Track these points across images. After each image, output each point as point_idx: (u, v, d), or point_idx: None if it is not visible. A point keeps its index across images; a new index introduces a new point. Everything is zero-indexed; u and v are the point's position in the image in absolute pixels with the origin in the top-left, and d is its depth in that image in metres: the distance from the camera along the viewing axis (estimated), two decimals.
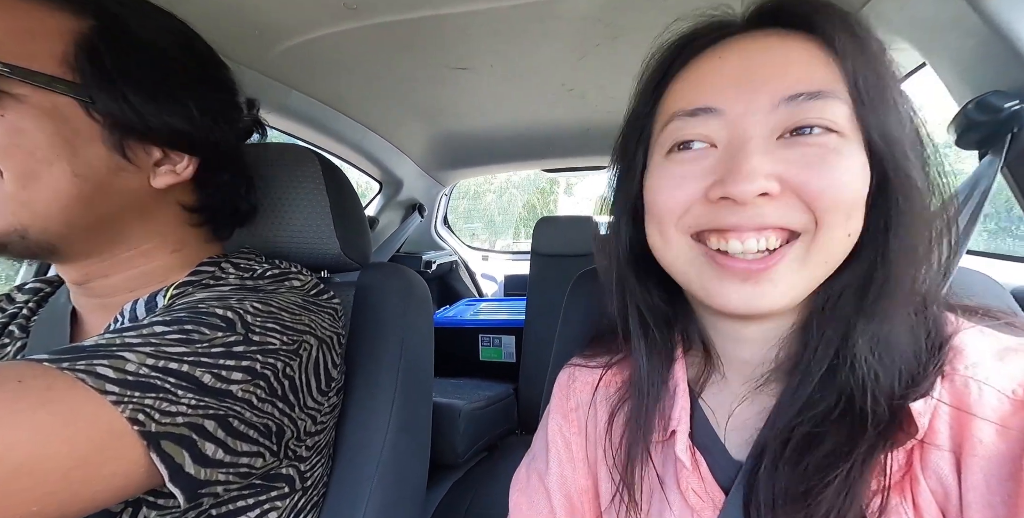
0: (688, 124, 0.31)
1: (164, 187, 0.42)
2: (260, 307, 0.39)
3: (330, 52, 0.78)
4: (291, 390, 0.39)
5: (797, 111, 0.28)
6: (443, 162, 1.55)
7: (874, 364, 0.29)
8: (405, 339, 0.57)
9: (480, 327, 1.52)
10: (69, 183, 0.36)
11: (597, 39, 0.78)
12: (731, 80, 0.30)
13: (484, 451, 1.17)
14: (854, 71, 0.28)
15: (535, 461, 0.43)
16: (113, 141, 0.38)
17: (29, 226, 0.36)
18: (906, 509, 0.27)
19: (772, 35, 0.31)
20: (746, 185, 0.28)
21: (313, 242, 0.57)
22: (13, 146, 0.34)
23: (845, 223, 0.29)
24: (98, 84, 0.37)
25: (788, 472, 0.29)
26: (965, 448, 0.27)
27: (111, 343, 0.31)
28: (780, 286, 0.29)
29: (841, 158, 0.28)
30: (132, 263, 0.43)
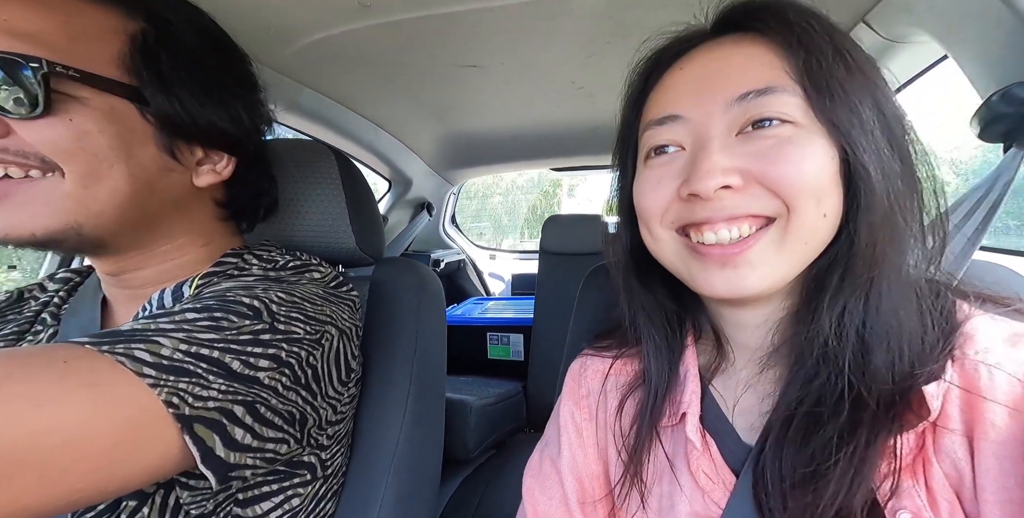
0: (658, 132, 0.35)
1: (205, 186, 0.44)
2: (284, 297, 0.40)
3: (343, 50, 0.78)
4: (314, 379, 0.40)
5: (748, 108, 0.31)
6: (452, 161, 1.56)
7: (856, 340, 0.30)
8: (419, 333, 0.58)
9: (488, 325, 1.52)
10: (125, 183, 0.38)
11: (607, 36, 0.78)
12: (690, 88, 0.34)
13: (493, 448, 1.18)
14: (798, 64, 0.31)
15: (548, 447, 0.44)
16: (164, 142, 0.40)
17: (85, 223, 0.37)
18: (919, 492, 0.28)
19: (728, 41, 0.34)
20: (706, 181, 0.31)
21: (329, 236, 0.58)
22: (78, 148, 0.36)
23: (816, 205, 0.30)
24: (154, 86, 0.38)
25: (792, 453, 0.30)
26: (977, 431, 0.27)
27: (146, 328, 0.32)
28: (760, 268, 0.31)
29: (796, 146, 0.30)
30: (167, 256, 0.45)
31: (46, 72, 0.33)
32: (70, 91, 0.35)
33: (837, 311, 0.31)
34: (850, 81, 0.30)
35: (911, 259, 0.31)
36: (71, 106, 0.35)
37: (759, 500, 0.31)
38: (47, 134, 0.35)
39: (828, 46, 0.31)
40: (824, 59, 0.30)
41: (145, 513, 0.37)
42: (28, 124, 0.34)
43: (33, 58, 0.33)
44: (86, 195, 0.37)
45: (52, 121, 0.35)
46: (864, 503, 0.27)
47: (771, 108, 0.31)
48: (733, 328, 0.38)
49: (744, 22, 0.34)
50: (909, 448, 0.28)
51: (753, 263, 0.31)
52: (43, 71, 0.33)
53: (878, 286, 0.30)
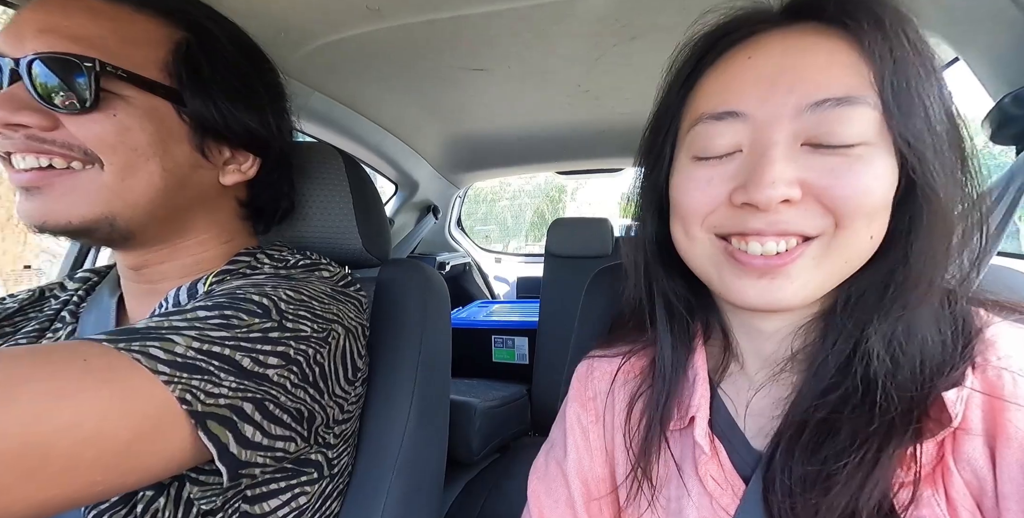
0: (714, 127, 0.31)
1: (230, 184, 0.46)
2: (292, 295, 0.41)
3: (351, 54, 0.79)
4: (321, 377, 0.40)
5: (822, 119, 0.28)
6: (458, 164, 1.56)
7: (890, 360, 0.29)
8: (424, 333, 0.58)
9: (493, 328, 1.52)
10: (159, 177, 0.40)
11: (614, 39, 0.78)
12: (758, 83, 0.30)
13: (498, 452, 1.17)
14: (884, 74, 0.28)
15: (554, 449, 0.43)
16: (196, 141, 0.42)
17: (119, 215, 0.40)
18: (939, 501, 0.27)
19: (803, 34, 0.30)
20: (768, 191, 0.28)
21: (336, 237, 0.58)
22: (120, 143, 0.38)
23: (867, 226, 0.29)
24: (192, 89, 0.41)
25: (804, 461, 0.29)
26: (1000, 439, 0.26)
27: (160, 326, 0.33)
28: (796, 282, 0.30)
29: (865, 165, 0.28)
30: (188, 251, 0.46)
31: (98, 71, 0.36)
32: (116, 90, 0.38)
33: (879, 337, 0.29)
34: (930, 93, 0.28)
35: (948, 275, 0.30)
36: (116, 103, 0.38)
37: (769, 507, 0.30)
38: (93, 128, 0.37)
39: (915, 55, 0.28)
40: (910, 70, 0.28)
41: (161, 503, 0.38)
42: (76, 118, 0.37)
43: (88, 58, 0.36)
44: (122, 187, 0.39)
45: (98, 116, 0.37)
46: (878, 512, 0.27)
47: (847, 124, 0.28)
48: (749, 333, 0.37)
49: (829, 12, 0.30)
50: (929, 456, 0.28)
51: (791, 276, 0.30)
52: (95, 70, 0.36)
53: (919, 311, 0.29)
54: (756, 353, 0.37)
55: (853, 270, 0.31)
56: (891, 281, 0.29)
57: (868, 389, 0.29)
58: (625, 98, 1.04)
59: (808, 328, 0.34)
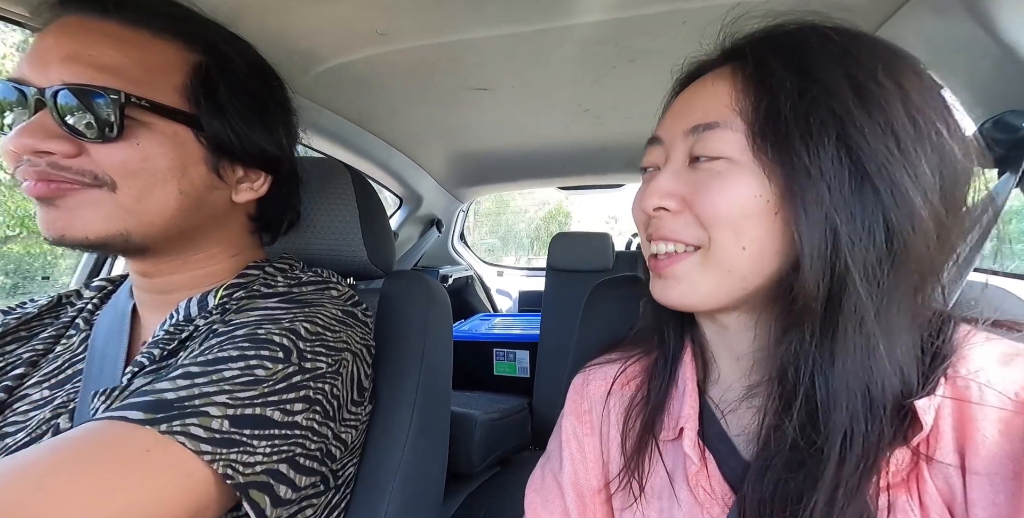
0: (649, 151, 0.38)
1: (243, 202, 0.48)
2: (308, 328, 0.42)
3: (360, 75, 0.83)
4: (337, 409, 0.43)
5: (697, 140, 0.33)
6: (462, 179, 1.60)
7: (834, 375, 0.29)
8: (427, 344, 0.59)
9: (495, 341, 1.52)
10: (175, 199, 0.42)
11: (613, 62, 0.81)
12: (671, 116, 0.37)
13: (498, 465, 1.17)
14: (755, 101, 0.31)
15: (550, 461, 0.44)
16: (212, 162, 0.44)
17: (133, 232, 0.41)
18: (912, 507, 0.28)
19: (716, 74, 0.35)
20: (646, 200, 0.35)
21: (342, 249, 0.60)
22: (142, 169, 0.39)
23: (735, 237, 0.32)
24: (210, 113, 0.42)
25: (773, 484, 0.30)
26: (969, 448, 0.27)
27: (192, 395, 0.34)
28: (682, 284, 0.34)
29: (723, 181, 0.32)
30: (199, 264, 0.48)
31: (123, 102, 0.37)
32: (140, 117, 0.39)
33: (789, 356, 0.31)
34: (813, 119, 0.29)
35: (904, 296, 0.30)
36: (139, 131, 0.39)
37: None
38: (117, 156, 0.38)
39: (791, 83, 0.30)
40: (778, 97, 0.30)
41: None
42: (99, 147, 0.38)
43: (114, 90, 0.37)
44: (139, 208, 0.40)
45: (122, 145, 0.38)
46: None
47: (708, 144, 0.33)
48: (719, 345, 0.39)
49: (736, 53, 0.35)
50: (903, 464, 0.28)
51: (678, 278, 0.35)
52: (121, 101, 0.37)
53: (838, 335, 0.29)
54: (731, 365, 0.38)
55: (751, 283, 0.32)
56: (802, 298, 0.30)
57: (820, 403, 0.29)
58: (624, 117, 1.07)
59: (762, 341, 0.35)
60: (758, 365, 0.35)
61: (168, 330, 0.44)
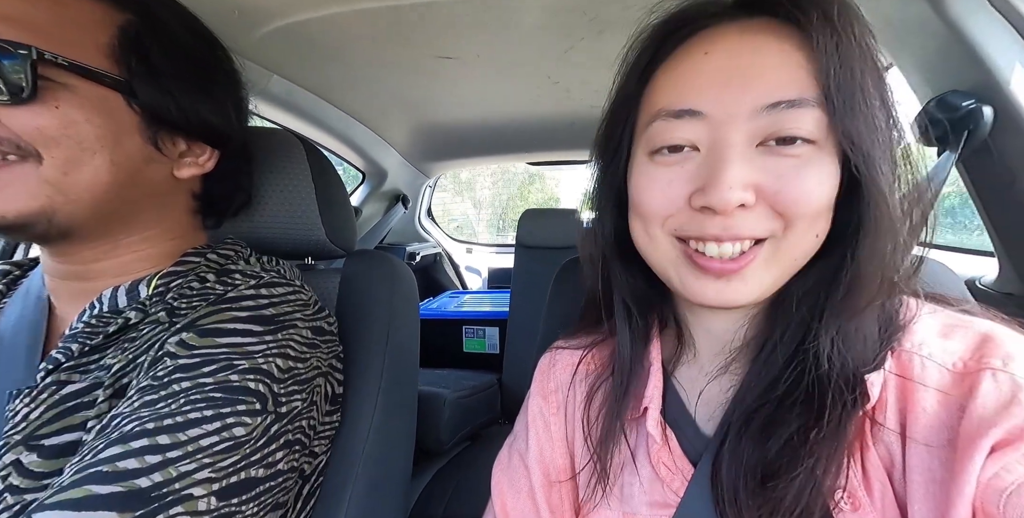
0: (673, 126, 0.31)
1: (186, 178, 0.43)
2: (281, 366, 0.39)
3: (313, 37, 0.76)
4: (314, 435, 0.43)
5: (776, 120, 0.29)
6: (427, 153, 1.54)
7: (837, 352, 0.30)
8: (391, 326, 0.58)
9: (464, 319, 1.52)
10: (107, 172, 0.37)
11: (582, 33, 0.79)
12: (715, 81, 0.30)
13: (467, 440, 1.18)
14: (831, 73, 0.28)
15: (516, 441, 0.44)
16: (149, 133, 0.40)
17: (59, 210, 0.37)
18: (855, 473, 0.30)
19: (756, 31, 0.30)
20: (726, 195, 0.29)
21: (298, 228, 0.57)
22: (64, 136, 0.35)
23: (812, 226, 0.30)
24: (143, 78, 0.38)
25: (750, 449, 0.31)
26: (909, 418, 0.29)
27: (169, 479, 0.31)
28: (750, 283, 0.31)
29: (812, 168, 0.29)
30: (131, 248, 0.43)
31: (34, 59, 0.33)
32: (58, 78, 0.35)
33: (812, 321, 0.31)
34: (875, 91, 0.28)
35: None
36: (59, 94, 0.35)
37: (716, 489, 0.32)
38: (32, 120, 0.34)
39: (861, 50, 0.28)
40: (856, 68, 0.28)
41: None
42: (12, 110, 0.34)
43: (22, 45, 0.33)
44: (65, 181, 0.36)
45: (37, 108, 0.34)
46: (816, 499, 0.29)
47: (799, 125, 0.28)
48: (702, 325, 0.39)
49: (781, 7, 0.30)
50: (849, 432, 0.30)
51: (745, 278, 0.31)
52: (31, 58, 0.33)
53: (858, 303, 0.30)
54: (708, 344, 0.38)
55: (799, 267, 0.32)
56: (840, 280, 0.30)
57: (811, 380, 0.30)
58: (594, 91, 1.04)
59: (758, 320, 0.35)
60: (740, 337, 0.36)
61: (89, 322, 0.40)
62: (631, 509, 0.36)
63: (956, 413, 0.27)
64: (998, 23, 0.52)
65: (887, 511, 0.29)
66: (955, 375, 0.29)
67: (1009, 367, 0.27)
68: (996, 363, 0.28)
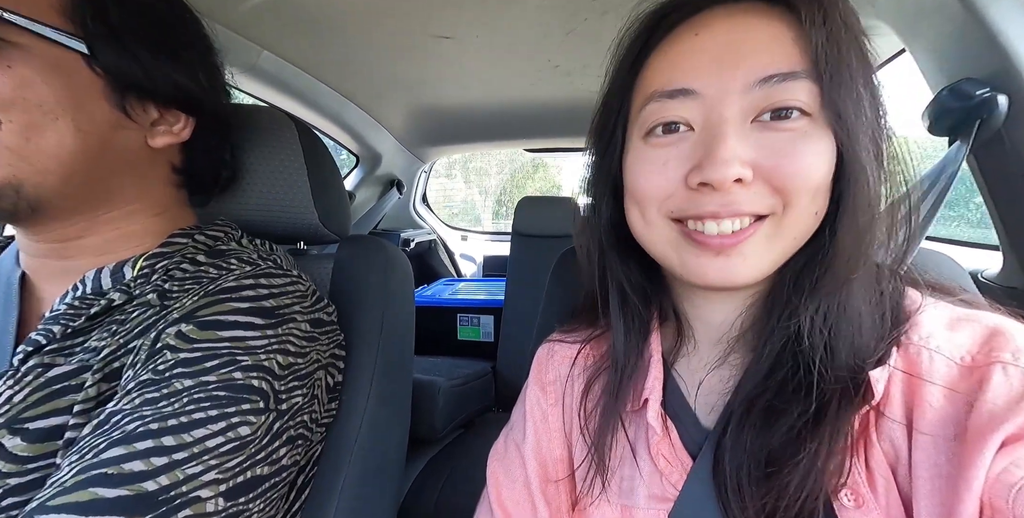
0: (666, 106, 0.31)
1: (161, 147, 0.41)
2: (281, 362, 0.38)
3: (305, 12, 0.73)
4: (315, 428, 0.43)
5: (770, 93, 0.29)
6: (423, 138, 1.51)
7: (828, 335, 0.30)
8: (386, 313, 0.56)
9: (459, 306, 1.51)
10: (72, 138, 0.36)
11: (585, 14, 0.76)
12: (707, 60, 0.30)
13: (462, 428, 1.19)
14: (820, 47, 0.28)
15: (513, 431, 0.44)
16: (115, 98, 0.38)
17: (25, 180, 0.35)
18: (859, 470, 0.29)
19: (746, 11, 0.30)
20: (723, 169, 0.28)
21: (289, 212, 0.54)
22: (20, 98, 0.33)
23: (812, 203, 0.30)
24: (103, 39, 0.36)
25: (751, 439, 0.31)
26: (916, 412, 0.28)
27: (175, 482, 0.30)
28: (750, 259, 0.31)
29: (810, 142, 0.29)
30: (113, 224, 0.41)
31: None
32: (8, 36, 0.33)
33: (811, 312, 0.30)
34: (860, 71, 0.29)
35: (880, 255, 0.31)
36: (11, 53, 0.33)
37: (718, 481, 0.32)
38: None
39: (846, 27, 0.29)
40: (842, 44, 0.28)
41: None
42: None
43: None
44: (28, 147, 0.34)
45: None
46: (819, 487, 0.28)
47: (794, 97, 0.28)
48: (701, 313, 0.38)
49: None
50: (854, 429, 0.29)
51: (745, 254, 0.31)
52: None
53: (851, 287, 0.30)
54: (707, 334, 0.38)
55: (799, 246, 0.32)
56: (823, 257, 0.30)
57: (810, 363, 0.30)
58: (596, 76, 1.01)
59: (755, 307, 0.35)
60: (739, 326, 0.35)
61: (72, 303, 0.39)
62: (630, 503, 0.36)
63: (964, 407, 0.27)
64: (1018, 7, 0.50)
65: (891, 508, 0.28)
66: (963, 369, 0.28)
67: (1020, 361, 0.27)
68: (1006, 357, 0.27)
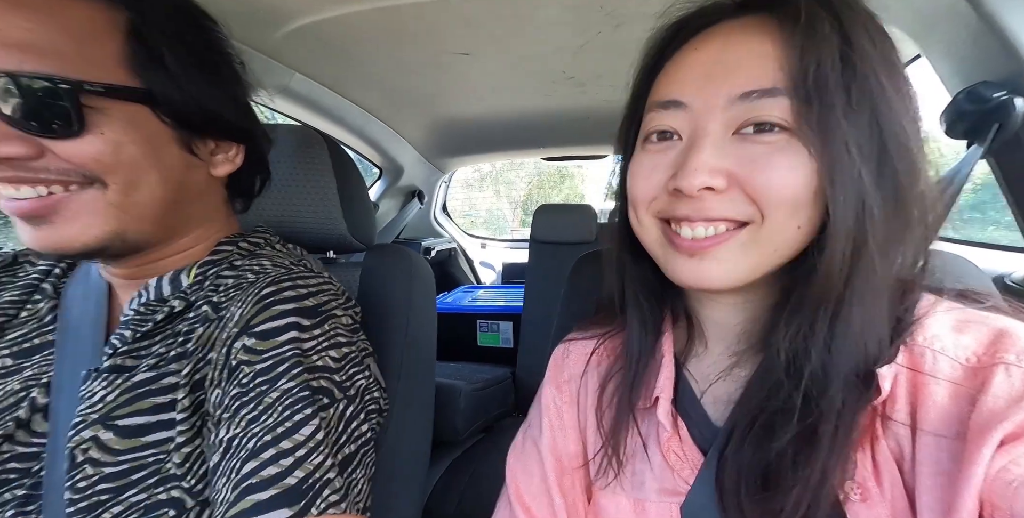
0: (661, 116, 0.33)
1: (223, 175, 0.45)
2: (335, 355, 0.42)
3: (333, 35, 0.78)
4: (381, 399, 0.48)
5: (750, 108, 0.30)
6: (443, 149, 1.55)
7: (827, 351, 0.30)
8: (410, 319, 0.59)
9: (478, 313, 1.53)
10: (160, 187, 0.39)
11: (598, 27, 0.78)
12: (698, 74, 0.32)
13: (482, 432, 1.20)
14: (799, 68, 0.29)
15: (530, 428, 0.46)
16: (183, 140, 0.41)
17: (128, 229, 0.39)
18: (866, 465, 0.30)
19: (744, 27, 0.31)
20: (691, 179, 0.30)
21: (321, 223, 0.58)
22: (117, 161, 0.36)
23: (791, 217, 0.30)
24: (162, 84, 0.38)
25: (751, 454, 0.31)
26: (920, 411, 0.29)
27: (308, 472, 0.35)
28: (725, 264, 0.32)
29: (783, 156, 0.29)
30: (183, 247, 0.46)
31: (76, 92, 0.33)
32: (93, 104, 0.35)
33: (791, 330, 0.31)
34: (846, 89, 0.28)
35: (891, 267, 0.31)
36: (98, 120, 0.35)
37: (719, 485, 0.33)
38: (86, 150, 0.35)
39: (833, 47, 0.28)
40: (823, 63, 0.28)
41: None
42: (65, 143, 0.34)
43: (61, 78, 0.33)
44: (128, 203, 0.38)
45: (88, 138, 0.35)
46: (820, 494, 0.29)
47: (771, 113, 0.29)
48: (709, 314, 0.39)
49: (770, 3, 0.31)
50: (860, 425, 0.30)
51: (719, 259, 0.32)
52: (72, 91, 0.33)
53: (848, 305, 0.30)
54: (718, 336, 0.39)
55: (785, 258, 0.32)
56: (811, 272, 0.30)
57: (811, 378, 0.30)
58: (609, 85, 1.04)
59: (761, 315, 0.36)
60: (748, 335, 0.36)
61: (138, 309, 0.43)
62: (642, 495, 0.37)
63: (967, 406, 0.28)
64: None
65: (896, 502, 0.29)
66: (967, 369, 0.29)
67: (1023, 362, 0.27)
68: (1010, 358, 0.28)
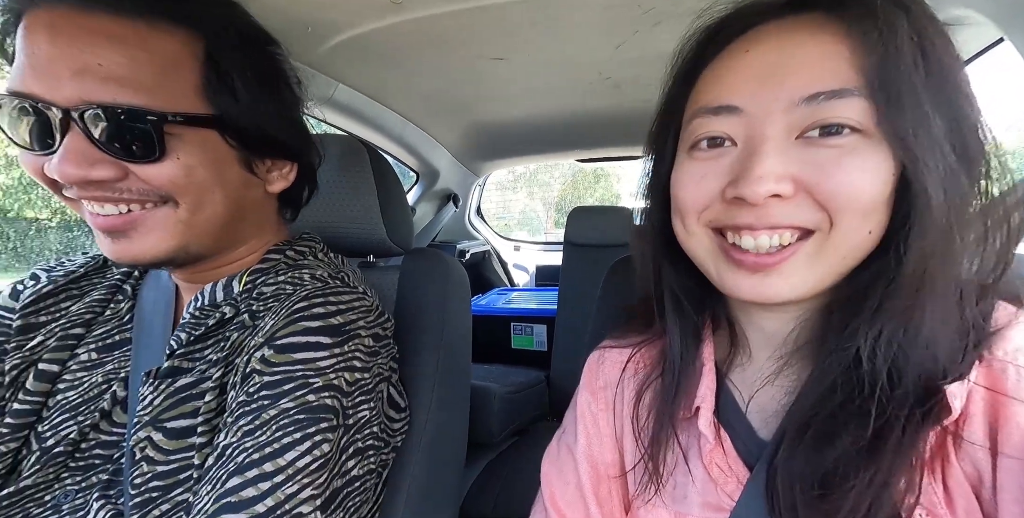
0: (710, 121, 0.32)
1: (278, 191, 0.48)
2: (348, 379, 0.42)
3: (374, 46, 0.81)
4: (385, 441, 0.47)
5: (816, 111, 0.28)
6: (478, 153, 1.57)
7: (893, 358, 0.29)
8: (446, 321, 0.60)
9: (512, 316, 1.54)
10: (223, 206, 0.43)
11: (635, 26, 0.77)
12: (753, 77, 0.30)
13: (516, 435, 1.21)
14: (876, 66, 0.27)
15: (565, 435, 0.45)
16: (245, 161, 0.44)
17: (191, 243, 0.43)
18: (936, 490, 0.28)
19: (798, 27, 0.30)
20: (756, 187, 0.29)
21: (362, 228, 0.61)
22: (190, 183, 0.40)
23: (862, 222, 0.29)
24: (230, 110, 0.41)
25: (804, 461, 0.30)
26: (1002, 432, 0.27)
27: (279, 502, 0.35)
28: (791, 279, 0.30)
29: (855, 159, 0.28)
30: (238, 256, 0.49)
31: (159, 122, 0.36)
32: (173, 131, 0.38)
33: (873, 335, 0.29)
34: (928, 87, 0.27)
35: (963, 271, 0.29)
36: (176, 145, 0.39)
37: (771, 498, 0.31)
38: (164, 174, 0.38)
39: (912, 44, 0.27)
40: (903, 61, 0.27)
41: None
42: (146, 167, 0.38)
43: (148, 111, 0.36)
44: (194, 220, 0.41)
45: (166, 162, 0.38)
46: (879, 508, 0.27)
47: (843, 115, 0.28)
48: (755, 325, 0.37)
49: (825, 3, 0.29)
50: (929, 446, 0.28)
51: (784, 274, 0.30)
52: (157, 120, 0.36)
53: (921, 311, 0.28)
54: (763, 345, 0.37)
55: (852, 265, 0.30)
56: (887, 279, 0.29)
57: (871, 386, 0.29)
58: (646, 85, 1.02)
59: (813, 322, 0.34)
60: (795, 339, 0.35)
61: (193, 313, 0.46)
62: (684, 509, 0.36)
63: None
64: None
65: None
66: None
67: None
68: None
